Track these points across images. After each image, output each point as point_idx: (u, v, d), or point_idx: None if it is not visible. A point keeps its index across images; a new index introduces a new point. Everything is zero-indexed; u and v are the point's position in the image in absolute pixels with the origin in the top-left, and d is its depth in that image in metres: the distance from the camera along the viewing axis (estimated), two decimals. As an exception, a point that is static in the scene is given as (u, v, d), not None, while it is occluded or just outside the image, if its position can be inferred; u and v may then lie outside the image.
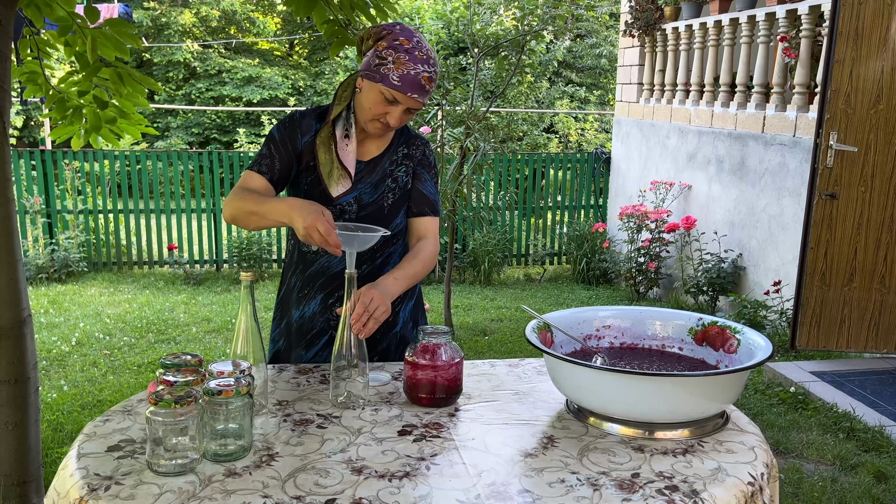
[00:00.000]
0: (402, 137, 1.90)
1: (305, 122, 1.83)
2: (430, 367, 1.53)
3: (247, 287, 1.48)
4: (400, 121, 1.72)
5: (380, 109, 1.71)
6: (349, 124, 1.80)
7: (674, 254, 6.33)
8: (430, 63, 1.68)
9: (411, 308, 1.96)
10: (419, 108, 1.72)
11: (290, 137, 1.81)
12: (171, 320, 5.31)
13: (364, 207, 1.82)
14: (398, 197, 1.86)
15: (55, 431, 3.20)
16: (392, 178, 1.85)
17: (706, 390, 1.37)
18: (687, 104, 6.38)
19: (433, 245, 1.86)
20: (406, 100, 1.68)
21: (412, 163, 1.89)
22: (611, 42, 13.38)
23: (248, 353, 1.49)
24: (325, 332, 1.87)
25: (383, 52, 1.67)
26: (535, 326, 1.59)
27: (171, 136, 14.89)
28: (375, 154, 1.86)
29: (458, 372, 1.56)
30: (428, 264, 1.81)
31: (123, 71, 3.02)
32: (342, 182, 1.78)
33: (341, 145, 1.78)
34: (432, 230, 1.88)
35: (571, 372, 1.44)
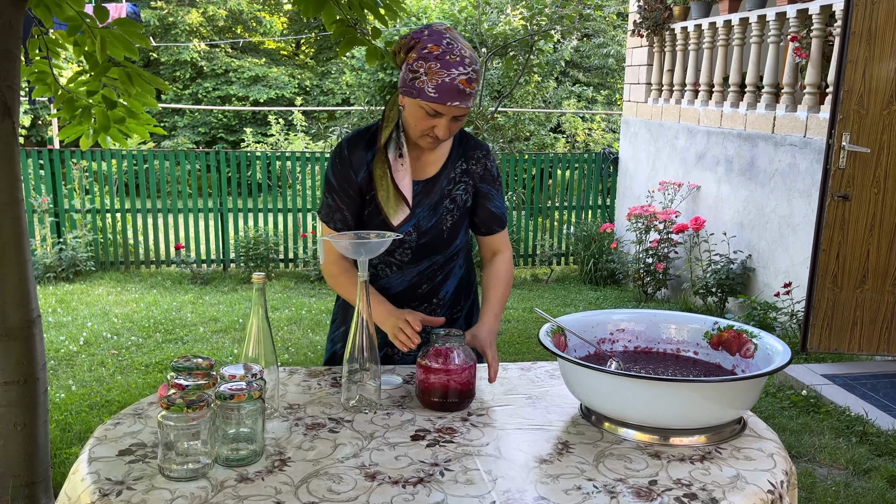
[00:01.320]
0: (461, 150, 1.80)
1: (356, 158, 1.73)
2: (442, 371, 1.51)
3: (259, 289, 1.47)
4: (449, 131, 1.62)
5: (425, 124, 1.62)
6: (400, 143, 1.71)
7: (682, 255, 6.30)
8: (466, 63, 1.56)
9: (468, 309, 1.95)
10: (465, 113, 1.61)
11: (346, 181, 1.73)
12: (179, 320, 5.31)
13: (423, 234, 1.77)
14: (457, 218, 1.79)
15: (63, 432, 3.19)
16: (451, 199, 1.78)
17: (724, 396, 1.35)
18: (696, 104, 6.35)
19: (508, 257, 1.86)
20: (448, 109, 1.58)
21: (472, 180, 1.80)
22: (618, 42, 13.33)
23: (259, 356, 1.47)
24: (381, 347, 1.82)
25: (414, 64, 1.57)
26: (548, 330, 1.57)
27: (177, 135, 14.92)
28: (432, 173, 1.77)
29: (472, 376, 1.55)
30: (510, 280, 1.84)
31: (132, 71, 3.02)
32: (400, 209, 1.70)
33: (395, 167, 1.70)
34: (504, 242, 1.87)
35: (586, 376, 1.42)
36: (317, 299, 6.10)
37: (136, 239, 7.19)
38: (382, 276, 1.82)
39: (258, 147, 12.68)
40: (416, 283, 1.82)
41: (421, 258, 1.79)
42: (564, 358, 1.43)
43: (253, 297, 1.46)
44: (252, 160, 7.68)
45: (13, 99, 2.32)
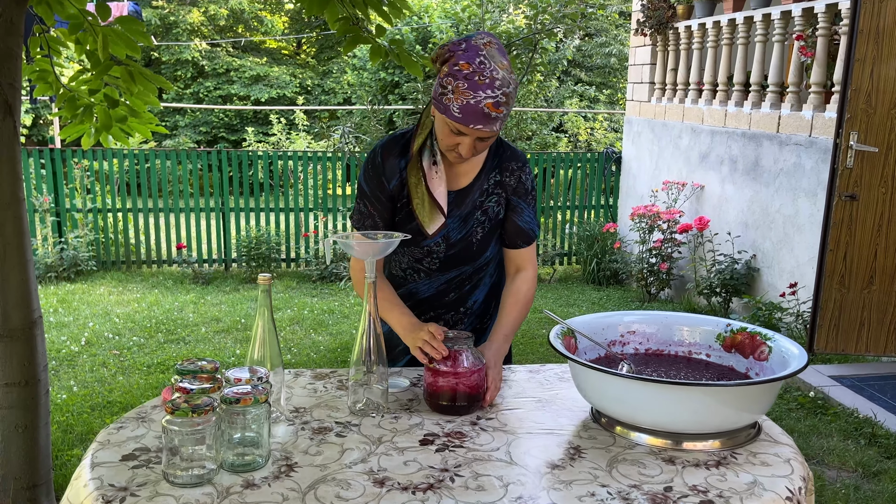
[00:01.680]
0: (495, 161, 1.74)
1: (389, 165, 1.70)
2: (451, 374, 1.49)
3: (264, 291, 1.44)
4: (472, 150, 1.57)
5: (450, 141, 1.58)
6: (434, 151, 1.67)
7: (686, 255, 6.27)
8: (496, 86, 1.49)
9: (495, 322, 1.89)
10: (492, 136, 1.56)
11: (379, 188, 1.70)
12: (181, 320, 5.29)
13: (452, 245, 1.74)
14: (488, 230, 1.75)
15: (65, 433, 3.17)
16: (482, 211, 1.74)
17: (739, 400, 1.32)
18: (700, 103, 6.32)
19: (531, 276, 1.79)
20: (471, 131, 1.53)
21: (505, 192, 1.75)
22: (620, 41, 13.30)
23: (265, 358, 1.45)
24: (407, 351, 1.80)
25: (444, 79, 1.53)
26: (558, 332, 1.54)
27: (179, 134, 14.90)
28: (465, 184, 1.73)
29: (481, 379, 1.52)
30: (529, 301, 1.77)
31: (134, 69, 2.99)
32: (436, 218, 1.67)
33: (430, 175, 1.66)
34: (529, 258, 1.80)
35: (598, 380, 1.40)
36: (319, 299, 6.08)
37: (137, 238, 7.17)
38: (410, 280, 1.80)
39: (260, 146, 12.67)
40: (443, 291, 1.80)
41: (449, 268, 1.77)
42: (575, 361, 1.40)
43: (258, 298, 1.44)
44: (254, 159, 7.65)
45: (14, 97, 2.30)
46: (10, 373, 2.25)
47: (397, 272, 1.82)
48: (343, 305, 5.86)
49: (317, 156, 7.45)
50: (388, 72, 11.44)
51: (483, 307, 1.87)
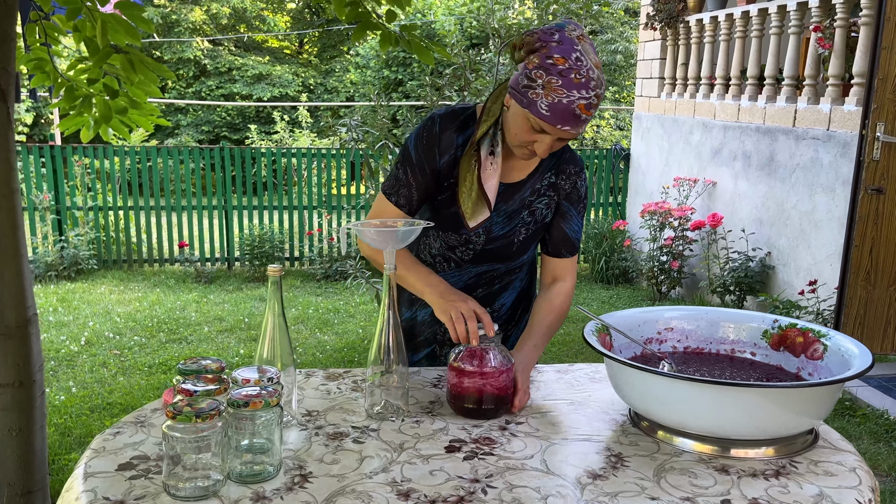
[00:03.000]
0: (553, 161, 1.63)
1: (446, 138, 1.57)
2: (477, 375, 1.37)
3: (274, 283, 1.32)
4: (549, 150, 1.46)
5: (526, 137, 1.45)
6: (496, 141, 1.54)
7: (698, 252, 6.14)
8: (591, 86, 1.37)
9: (523, 327, 1.78)
10: (573, 138, 1.45)
11: (427, 158, 1.57)
12: (183, 319, 5.17)
13: (492, 240, 1.63)
14: (532, 232, 1.64)
15: (62, 436, 3.05)
16: (530, 211, 1.62)
17: (799, 403, 1.20)
18: (711, 98, 6.19)
19: (569, 288, 1.68)
20: (556, 131, 1.41)
21: (558, 196, 1.63)
22: (626, 38, 13.18)
23: (275, 357, 1.33)
24: (430, 342, 1.73)
25: (533, 71, 1.38)
26: (593, 328, 1.42)
27: (181, 133, 14.80)
28: (517, 178, 1.61)
29: (509, 380, 1.40)
30: (563, 314, 1.66)
31: (135, 57, 2.87)
32: (480, 211, 1.55)
33: (485, 165, 1.54)
34: (569, 270, 1.68)
35: (639, 380, 1.27)
36: (323, 298, 5.96)
37: (139, 237, 7.05)
38: (439, 269, 1.68)
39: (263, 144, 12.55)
40: (472, 286, 1.69)
41: (482, 261, 1.65)
42: (614, 359, 1.28)
43: (268, 292, 1.32)
44: (257, 157, 7.53)
45: (8, 82, 2.18)
46: (4, 373, 2.13)
47: (426, 257, 1.70)
48: (348, 304, 5.74)
49: (321, 153, 7.33)
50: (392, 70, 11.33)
51: (510, 313, 1.75)
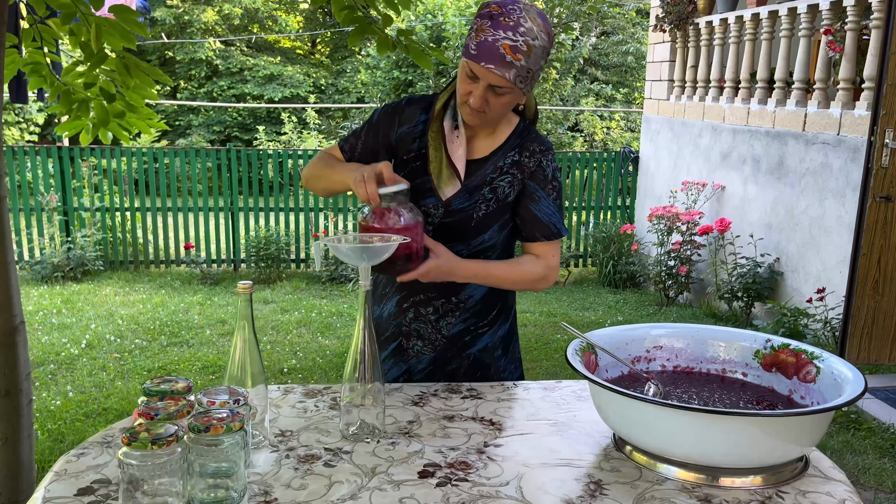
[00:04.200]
0: (517, 140, 1.64)
1: (410, 111, 1.66)
2: (379, 232, 1.41)
3: (246, 300, 1.28)
4: (482, 101, 1.49)
5: (464, 88, 1.51)
6: (457, 113, 1.61)
7: (706, 257, 6.06)
8: (520, 31, 1.43)
9: (503, 334, 1.73)
10: (504, 85, 1.46)
11: (385, 124, 1.66)
12: (185, 322, 5.16)
13: (451, 213, 1.62)
14: (493, 210, 1.62)
15: (55, 442, 3.03)
16: (491, 188, 1.61)
17: (789, 431, 1.14)
18: (721, 101, 6.11)
19: (541, 267, 1.63)
20: (483, 72, 1.45)
21: (521, 174, 1.62)
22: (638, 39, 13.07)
23: (245, 376, 1.29)
24: (394, 337, 1.70)
25: (473, 22, 1.50)
26: (577, 347, 1.37)
27: (192, 133, 14.84)
28: (481, 155, 1.63)
29: (413, 240, 1.42)
30: (524, 278, 1.62)
31: (130, 61, 2.85)
32: (452, 183, 1.59)
33: (450, 138, 1.60)
34: (548, 253, 1.64)
35: (621, 404, 1.23)
36: (328, 301, 5.93)
37: (145, 238, 7.06)
38: None
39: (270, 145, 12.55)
40: None
41: (441, 238, 1.62)
42: (595, 382, 1.23)
43: (238, 309, 1.28)
44: (264, 158, 7.52)
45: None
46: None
47: None
48: (352, 308, 5.71)
49: (327, 154, 7.30)
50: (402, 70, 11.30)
51: (481, 306, 1.68)
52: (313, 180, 1.70)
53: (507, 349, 1.75)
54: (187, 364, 4.23)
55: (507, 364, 1.75)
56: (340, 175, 1.58)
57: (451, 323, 1.67)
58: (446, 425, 1.39)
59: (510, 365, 1.76)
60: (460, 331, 1.67)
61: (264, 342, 4.75)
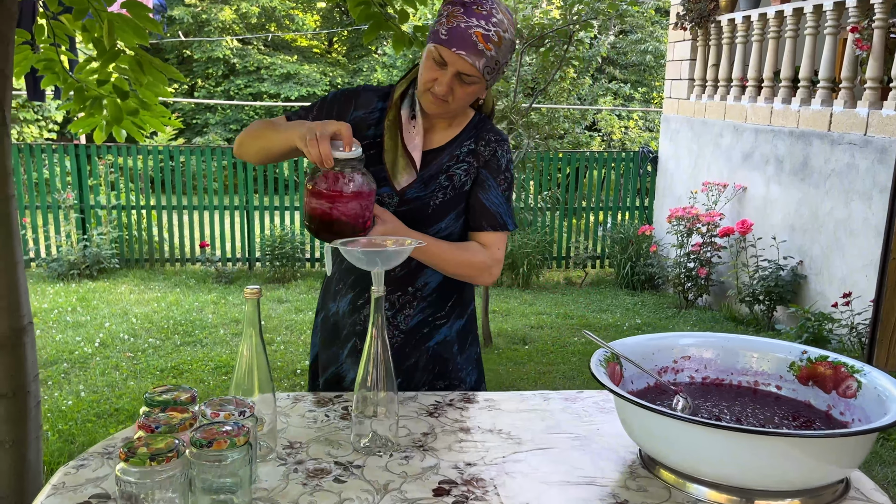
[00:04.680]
0: (473, 131, 1.61)
1: (366, 96, 1.61)
2: (326, 197, 1.32)
3: (253, 305, 1.22)
4: (448, 88, 1.45)
5: (429, 75, 1.47)
6: (415, 102, 1.57)
7: (726, 259, 5.95)
8: (492, 21, 1.42)
9: (459, 328, 1.67)
10: (472, 73, 1.44)
11: (341, 105, 1.60)
12: (199, 321, 5.13)
13: (406, 202, 1.56)
14: (450, 198, 1.57)
15: (66, 443, 3.00)
16: (448, 176, 1.58)
17: (831, 452, 1.07)
18: (743, 100, 6.00)
19: (486, 257, 1.56)
20: (453, 58, 1.42)
21: (476, 162, 1.59)
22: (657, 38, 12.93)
23: (252, 384, 1.23)
24: (350, 337, 1.63)
25: (443, 7, 1.46)
26: (601, 358, 1.30)
27: (209, 132, 14.88)
28: (437, 144, 1.60)
29: (362, 208, 1.34)
30: (468, 262, 1.54)
31: (143, 58, 2.81)
32: (407, 173, 1.55)
33: (407, 127, 1.56)
34: (491, 244, 1.58)
35: (648, 420, 1.15)
36: (342, 301, 5.89)
37: (161, 236, 7.05)
38: None
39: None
40: None
41: None
42: (622, 396, 1.16)
43: (245, 314, 1.22)
44: (279, 157, 7.48)
45: (4, 86, 2.12)
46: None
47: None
48: (366, 308, 5.66)
49: (343, 153, 7.26)
50: (418, 69, 11.25)
51: (437, 296, 1.62)
52: (247, 141, 1.55)
53: (463, 346, 1.68)
54: (200, 364, 4.19)
55: (464, 362, 1.69)
56: (283, 133, 1.42)
57: (408, 315, 1.61)
58: (463, 438, 1.33)
59: (468, 365, 1.70)
60: (418, 323, 1.61)
61: (277, 342, 4.71)
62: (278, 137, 1.44)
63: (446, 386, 1.65)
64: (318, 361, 1.74)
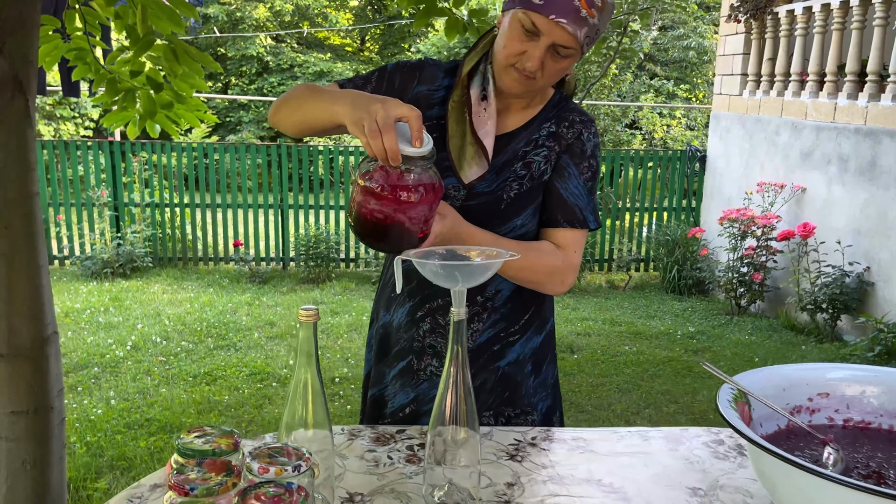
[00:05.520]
0: (554, 111, 1.37)
1: (430, 71, 1.37)
2: (390, 200, 1.06)
3: (309, 330, 1.00)
4: (541, 64, 1.21)
5: (515, 47, 1.21)
6: (487, 79, 1.31)
7: (783, 264, 5.63)
8: None
9: (535, 347, 1.42)
10: (571, 46, 1.20)
11: (403, 77, 1.36)
12: (233, 323, 4.97)
13: (475, 196, 1.32)
14: (526, 190, 1.33)
15: (93, 458, 2.83)
16: (524, 164, 1.33)
17: None
18: (802, 96, 5.66)
19: (559, 260, 1.32)
20: (549, 27, 1.18)
21: (558, 146, 1.34)
22: (700, 33, 12.54)
23: (307, 424, 1.01)
24: (403, 354, 1.40)
25: None
26: (730, 397, 1.06)
27: (242, 129, 14.84)
28: (511, 127, 1.35)
29: (428, 213, 1.10)
30: (537, 264, 1.30)
31: (178, 46, 2.62)
32: (477, 163, 1.29)
33: (477, 110, 1.30)
34: (567, 244, 1.33)
35: (802, 482, 0.91)
36: (379, 304, 5.69)
37: (194, 234, 6.93)
38: None
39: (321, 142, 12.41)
40: None
41: None
42: (770, 451, 0.92)
43: (299, 342, 1.00)
44: (314, 155, 7.33)
45: (28, 73, 1.94)
46: (17, 399, 1.89)
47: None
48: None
49: (379, 151, 7.06)
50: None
51: (510, 308, 1.38)
52: (286, 109, 1.29)
53: (538, 368, 1.44)
54: (234, 370, 4.02)
55: (538, 387, 1.44)
56: (331, 105, 1.15)
57: (476, 330, 1.38)
58: (556, 491, 1.10)
59: (542, 390, 1.45)
60: (488, 339, 1.37)
61: (314, 347, 4.52)
62: (324, 110, 1.18)
63: (515, 414, 1.42)
64: (370, 377, 1.52)
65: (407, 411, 1.41)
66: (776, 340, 5.01)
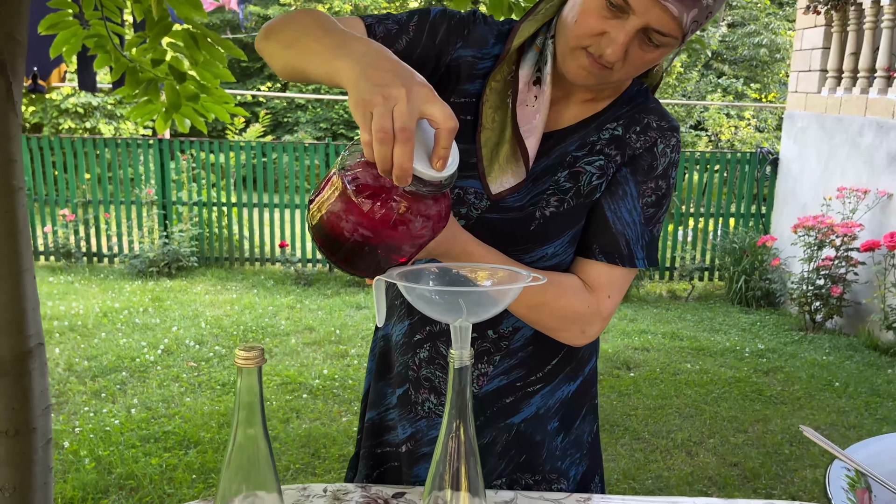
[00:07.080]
0: (625, 108, 1.01)
1: (481, 31, 1.02)
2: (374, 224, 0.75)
3: (251, 377, 0.74)
4: (624, 51, 0.88)
5: (592, 25, 0.88)
6: (544, 59, 0.97)
7: (865, 277, 5.13)
8: None
9: (566, 397, 1.09)
10: (671, 32, 0.86)
11: (449, 30, 1.00)
12: (271, 328, 4.79)
13: (498, 209, 0.99)
14: (568, 208, 0.99)
15: (101, 475, 2.63)
16: (571, 173, 0.99)
17: None
18: (890, 94, 5.16)
19: (584, 303, 0.98)
20: (647, 5, 0.84)
21: (621, 157, 0.99)
22: (772, 30, 11.90)
23: (248, 487, 0.75)
24: (400, 381, 1.10)
25: None
26: (846, 481, 0.75)
27: (299, 130, 14.86)
28: (563, 125, 1.00)
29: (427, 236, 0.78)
30: (555, 305, 0.97)
31: (198, 32, 2.42)
32: (512, 169, 0.96)
33: (525, 97, 0.97)
34: (600, 285, 1.00)
35: None
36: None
37: (241, 234, 6.83)
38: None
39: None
40: None
41: None
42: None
43: (238, 390, 0.73)
44: (363, 154, 7.13)
45: (14, 52, 1.74)
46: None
47: None
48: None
49: (429, 151, 6.83)
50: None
51: (532, 351, 1.05)
52: (279, 37, 0.92)
53: (569, 424, 1.10)
54: (265, 379, 3.82)
55: (568, 447, 1.10)
56: (336, 57, 0.80)
57: (485, 374, 1.05)
58: None
59: (573, 450, 1.11)
60: (498, 389, 1.06)
61: (352, 355, 4.29)
62: (323, 62, 0.82)
63: (535, 482, 1.09)
64: (368, 395, 1.21)
65: (404, 449, 1.12)
66: (857, 362, 4.54)
